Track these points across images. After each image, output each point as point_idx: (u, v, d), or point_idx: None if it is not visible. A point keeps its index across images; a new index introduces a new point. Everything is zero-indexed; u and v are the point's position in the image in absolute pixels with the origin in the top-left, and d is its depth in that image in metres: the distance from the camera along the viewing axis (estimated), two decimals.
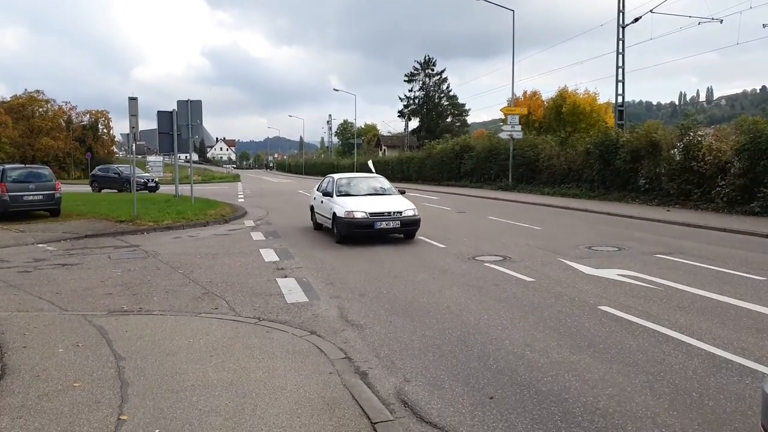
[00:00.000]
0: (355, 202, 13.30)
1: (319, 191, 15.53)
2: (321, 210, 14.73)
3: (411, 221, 13.10)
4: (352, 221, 12.68)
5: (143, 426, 4.05)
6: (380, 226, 12.70)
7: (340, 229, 13.00)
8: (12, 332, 6.29)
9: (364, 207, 12.95)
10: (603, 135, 26.56)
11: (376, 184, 15.09)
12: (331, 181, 14.97)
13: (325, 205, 14.24)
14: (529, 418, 4.28)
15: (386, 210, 12.98)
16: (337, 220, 13.03)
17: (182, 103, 23.32)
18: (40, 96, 76.84)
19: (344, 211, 12.85)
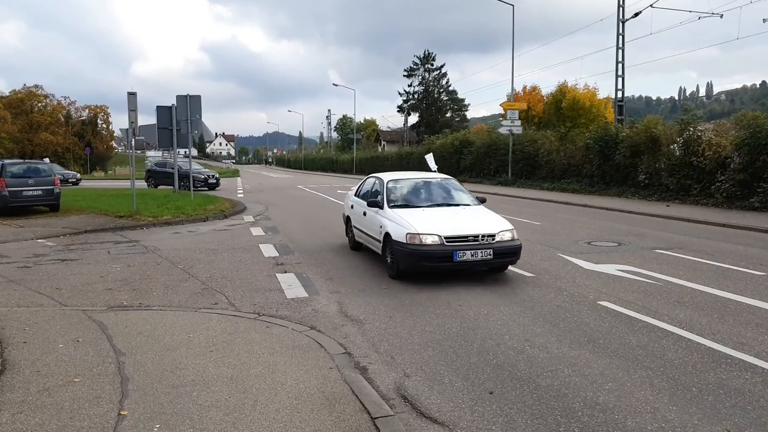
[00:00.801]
0: (421, 218, 8.90)
1: (358, 197, 11.51)
2: (363, 225, 10.60)
3: (509, 249, 8.60)
4: (420, 249, 8.28)
5: (143, 421, 4.06)
6: (463, 257, 8.23)
7: (400, 259, 8.59)
8: (12, 327, 6.28)
9: (437, 227, 8.51)
10: (603, 130, 26.55)
11: (447, 189, 10.55)
12: (379, 184, 10.64)
13: (370, 219, 10.12)
14: (529, 413, 4.29)
15: (472, 232, 8.46)
16: (394, 245, 8.66)
17: (181, 98, 23.27)
18: (39, 91, 76.87)
19: (406, 233, 8.47)
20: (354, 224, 11.36)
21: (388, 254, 9.04)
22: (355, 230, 11.22)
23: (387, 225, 9.13)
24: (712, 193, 19.31)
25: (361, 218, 10.69)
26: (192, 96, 23.35)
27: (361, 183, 11.95)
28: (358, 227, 10.99)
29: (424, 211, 9.34)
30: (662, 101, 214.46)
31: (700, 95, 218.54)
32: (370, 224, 10.05)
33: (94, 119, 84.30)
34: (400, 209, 9.40)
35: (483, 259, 8.34)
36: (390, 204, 9.66)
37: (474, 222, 8.93)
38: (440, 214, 9.27)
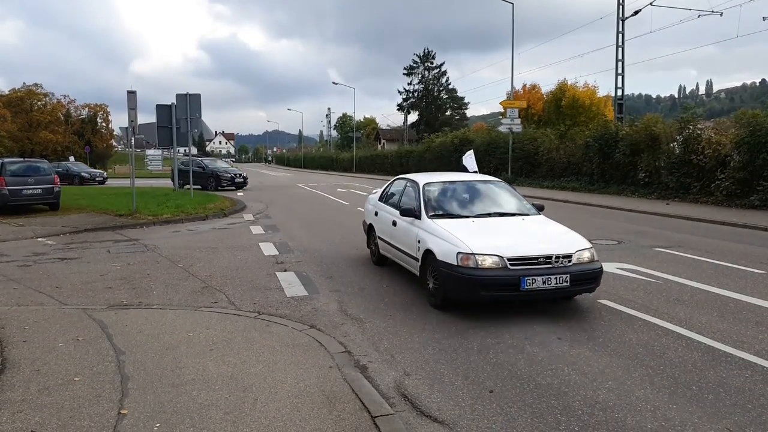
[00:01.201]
0: (473, 232, 7.09)
1: (384, 202, 9.70)
2: (392, 237, 8.78)
3: (589, 274, 6.69)
4: (476, 275, 6.41)
5: (143, 420, 4.06)
6: (532, 284, 6.33)
7: (448, 286, 6.72)
8: (12, 326, 6.28)
9: (497, 245, 6.67)
10: (602, 128, 26.55)
11: (498, 194, 8.81)
12: (412, 188, 8.74)
13: (402, 231, 8.29)
14: (528, 412, 4.29)
15: (543, 252, 6.57)
16: (440, 268, 6.78)
17: (181, 97, 23.24)
18: (39, 89, 76.73)
19: (456, 252, 6.61)
20: (379, 235, 9.48)
21: (430, 278, 7.13)
22: (381, 242, 9.40)
23: (428, 240, 7.23)
24: (711, 191, 19.31)
25: (390, 229, 8.85)
26: (192, 94, 23.32)
27: (387, 186, 10.08)
28: (385, 239, 9.11)
29: (474, 222, 7.55)
30: (662, 99, 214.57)
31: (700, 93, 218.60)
32: (403, 237, 8.24)
33: (93, 118, 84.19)
34: (443, 220, 7.57)
35: (558, 287, 6.38)
36: (429, 213, 7.82)
37: (541, 237, 7.20)
38: (495, 226, 7.56)
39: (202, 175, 31.61)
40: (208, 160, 36.12)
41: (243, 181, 32.78)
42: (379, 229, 9.58)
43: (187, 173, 32.87)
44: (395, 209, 8.79)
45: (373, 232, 9.98)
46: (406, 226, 8.14)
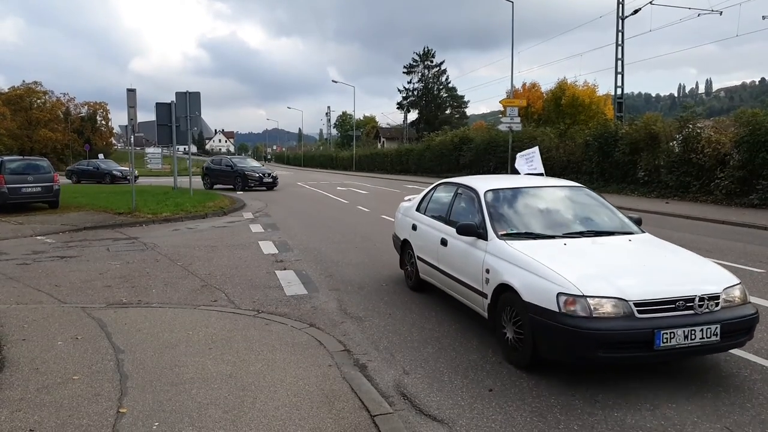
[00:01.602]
0: (572, 261, 5.19)
1: (425, 213, 7.81)
2: (442, 260, 6.85)
3: (743, 323, 4.80)
4: (590, 327, 4.48)
5: (142, 418, 4.05)
6: (671, 340, 4.48)
7: (544, 340, 4.83)
8: (11, 325, 6.28)
9: (613, 281, 4.77)
10: (602, 127, 26.57)
11: (585, 206, 6.82)
12: (467, 196, 6.83)
13: (459, 254, 6.38)
14: (528, 411, 4.29)
15: (682, 294, 4.68)
16: (530, 312, 4.88)
17: (181, 95, 23.25)
18: (38, 87, 76.75)
19: (558, 293, 4.68)
20: (418, 254, 7.65)
21: (508, 324, 5.19)
22: (422, 264, 7.54)
23: (503, 270, 5.33)
24: (711, 190, 19.31)
25: (437, 249, 6.95)
26: (191, 93, 23.32)
27: (427, 192, 8.12)
28: (429, 261, 7.25)
29: (567, 245, 5.52)
30: (662, 98, 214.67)
31: (700, 92, 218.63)
32: (459, 262, 6.34)
33: (93, 116, 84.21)
34: (521, 241, 5.59)
35: (704, 342, 4.53)
36: (500, 231, 5.83)
37: (668, 268, 5.20)
38: (598, 252, 5.51)
39: (230, 174, 30.41)
40: (237, 159, 34.41)
41: (272, 181, 30.41)
42: (418, 246, 7.69)
43: (215, 172, 31.65)
44: (444, 224, 6.97)
45: (408, 250, 8.06)
46: (465, 247, 6.18)
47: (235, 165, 30.99)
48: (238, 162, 32.18)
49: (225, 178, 30.71)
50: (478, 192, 6.51)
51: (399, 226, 8.74)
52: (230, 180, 30.22)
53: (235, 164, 31.16)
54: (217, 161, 33.78)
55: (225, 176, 30.75)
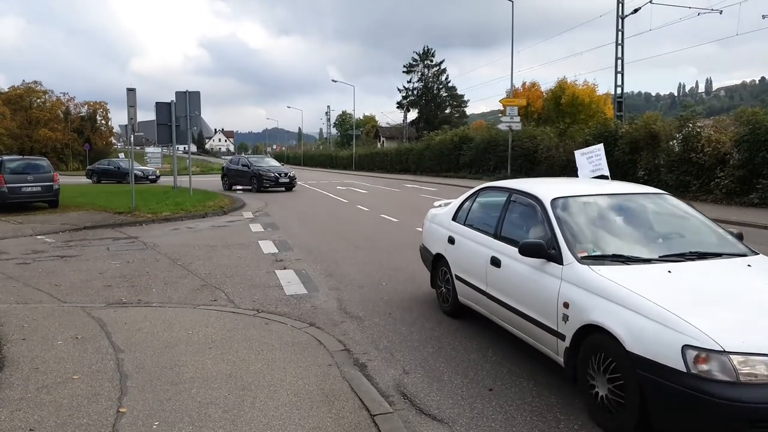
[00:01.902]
0: (688, 297, 3.92)
1: (465, 223, 6.51)
2: (494, 284, 5.54)
3: None
4: (737, 397, 3.21)
5: (142, 418, 4.05)
6: None
7: (665, 410, 3.50)
8: (11, 324, 6.27)
9: (760, 326, 3.56)
10: (602, 126, 26.56)
11: (675, 217, 5.68)
12: (531, 207, 5.40)
13: (519, 277, 5.11)
14: (528, 410, 4.29)
15: None
16: (640, 368, 3.59)
17: (180, 95, 23.24)
18: (38, 87, 76.67)
19: (684, 345, 3.41)
20: (458, 273, 6.31)
21: (600, 377, 4.03)
22: (462, 285, 6.20)
23: (591, 306, 4.13)
24: (711, 190, 19.31)
25: (486, 269, 5.59)
26: (191, 92, 23.30)
27: (467, 198, 6.70)
28: (475, 284, 5.86)
29: (673, 273, 4.28)
30: (661, 97, 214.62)
31: (700, 91, 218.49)
32: (522, 290, 5.04)
33: (93, 115, 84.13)
34: (610, 267, 4.38)
35: None
36: (580, 254, 4.57)
37: None
38: (717, 283, 4.27)
39: (245, 175, 29.22)
40: (255, 158, 32.72)
41: (289, 182, 28.74)
42: (457, 264, 6.37)
43: (232, 172, 30.23)
44: (493, 239, 5.62)
45: (443, 267, 6.76)
46: (528, 271, 4.88)
47: (252, 164, 29.58)
48: (255, 161, 30.77)
49: (241, 178, 29.56)
50: (542, 200, 5.15)
51: (429, 238, 7.36)
52: (246, 180, 29.05)
53: (252, 164, 29.82)
54: (234, 161, 32.35)
55: (241, 177, 29.57)
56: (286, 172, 29.32)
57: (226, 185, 30.34)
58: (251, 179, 28.62)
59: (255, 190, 27.75)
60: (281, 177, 28.57)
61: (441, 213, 7.29)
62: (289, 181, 28.72)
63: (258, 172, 28.46)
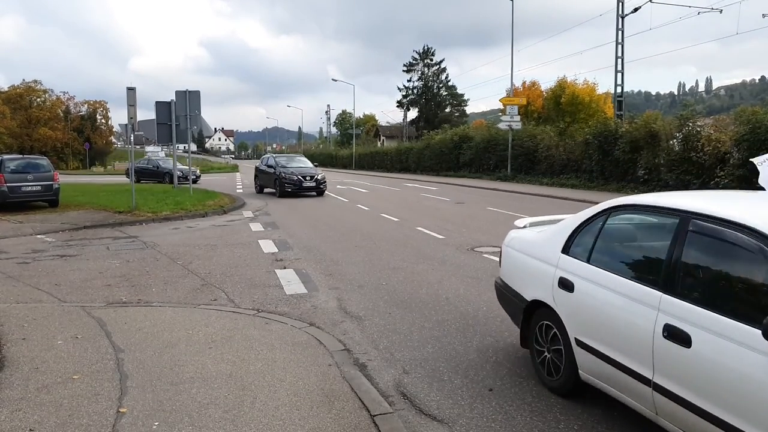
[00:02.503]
0: None
1: (588, 261, 4.29)
2: (668, 370, 3.36)
3: None
4: None
5: (142, 418, 4.05)
6: None
7: None
8: (11, 324, 6.27)
9: None
10: (602, 125, 26.55)
11: None
12: (744, 245, 3.14)
13: (737, 368, 2.94)
14: (528, 410, 4.29)
15: None
16: None
17: (180, 94, 23.23)
18: (38, 86, 76.63)
19: None
20: (579, 337, 4.28)
21: None
22: (587, 355, 4.19)
23: None
24: (711, 189, 19.31)
25: (649, 343, 3.53)
26: (191, 91, 23.30)
27: (587, 221, 4.51)
28: (621, 361, 3.80)
29: None
30: (661, 96, 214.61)
31: (700, 90, 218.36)
32: (753, 399, 2.89)
33: (93, 114, 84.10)
34: None
35: None
36: None
37: None
38: None
39: (270, 177, 25.66)
40: (283, 158, 28.28)
41: (316, 185, 24.62)
42: (579, 323, 4.28)
43: (262, 174, 26.92)
44: (666, 294, 3.51)
45: (545, 320, 4.73)
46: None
47: (278, 166, 25.64)
48: (284, 162, 26.75)
49: (268, 181, 26.12)
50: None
51: (516, 273, 5.31)
52: (271, 183, 25.55)
53: (278, 164, 25.83)
54: (265, 159, 28.53)
55: (267, 179, 26.15)
56: (313, 175, 24.83)
57: (257, 188, 27.54)
58: (275, 182, 25.08)
59: (278, 196, 24.37)
60: (306, 180, 24.31)
61: (534, 239, 5.15)
62: (315, 185, 24.54)
63: (281, 174, 24.61)
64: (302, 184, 24.22)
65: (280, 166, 25.57)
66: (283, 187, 24.16)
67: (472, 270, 9.11)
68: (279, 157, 28.22)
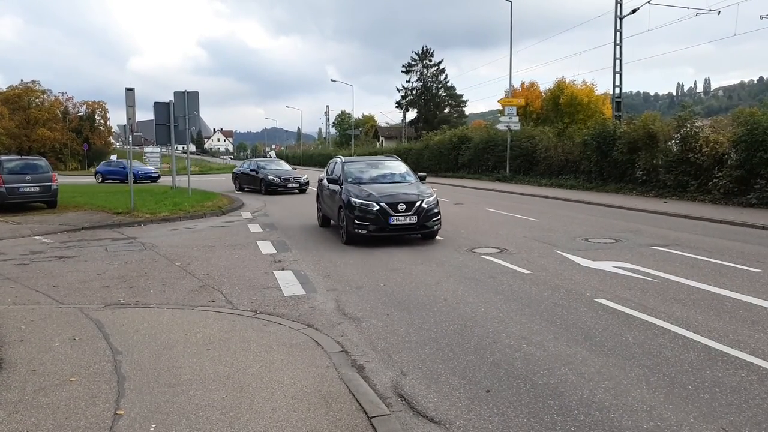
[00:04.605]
0: None
1: None
2: None
3: None
4: None
5: (140, 421, 4.05)
6: None
7: None
8: (8, 326, 6.27)
9: None
10: (600, 126, 26.55)
11: None
12: None
13: None
14: (525, 412, 4.29)
15: None
16: None
17: (179, 94, 23.22)
18: (37, 87, 76.63)
19: None
20: None
21: None
22: None
23: None
24: (709, 190, 19.32)
25: None
26: (190, 92, 23.28)
27: None
28: None
29: None
30: (660, 97, 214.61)
31: (698, 91, 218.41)
32: None
33: (91, 115, 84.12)
34: None
35: None
36: None
37: None
38: None
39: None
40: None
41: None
42: None
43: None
44: None
45: None
46: None
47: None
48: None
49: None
50: None
51: None
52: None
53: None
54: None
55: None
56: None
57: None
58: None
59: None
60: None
61: None
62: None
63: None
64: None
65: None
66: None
67: (471, 271, 9.12)
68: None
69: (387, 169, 13.95)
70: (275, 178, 27.32)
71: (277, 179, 27.26)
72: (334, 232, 13.39)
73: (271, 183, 27.02)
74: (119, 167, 31.97)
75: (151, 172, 39.07)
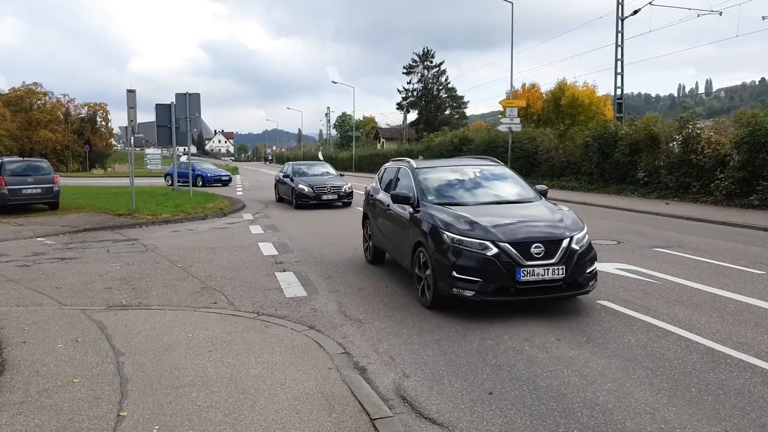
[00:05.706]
0: None
1: None
2: None
3: None
4: None
5: (143, 422, 4.05)
6: None
7: None
8: (11, 327, 6.27)
9: None
10: (602, 128, 26.54)
11: None
12: None
13: None
14: (528, 414, 4.29)
15: None
16: None
17: (180, 96, 23.25)
18: (38, 88, 76.84)
19: None
20: None
21: None
22: None
23: None
24: (711, 191, 19.30)
25: None
26: (191, 94, 23.32)
27: None
28: None
29: None
30: (661, 98, 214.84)
31: (700, 92, 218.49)
32: None
33: (93, 117, 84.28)
34: None
35: None
36: None
37: None
38: None
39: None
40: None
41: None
42: None
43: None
44: None
45: None
46: None
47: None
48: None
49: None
50: None
51: None
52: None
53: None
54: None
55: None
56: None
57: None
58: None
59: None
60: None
61: None
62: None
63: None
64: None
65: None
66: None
67: None
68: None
69: (489, 180, 8.68)
70: (305, 187, 20.76)
71: (308, 189, 20.68)
72: (334, 235, 13.36)
73: (301, 194, 20.69)
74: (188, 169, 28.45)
75: (221, 174, 36.43)
